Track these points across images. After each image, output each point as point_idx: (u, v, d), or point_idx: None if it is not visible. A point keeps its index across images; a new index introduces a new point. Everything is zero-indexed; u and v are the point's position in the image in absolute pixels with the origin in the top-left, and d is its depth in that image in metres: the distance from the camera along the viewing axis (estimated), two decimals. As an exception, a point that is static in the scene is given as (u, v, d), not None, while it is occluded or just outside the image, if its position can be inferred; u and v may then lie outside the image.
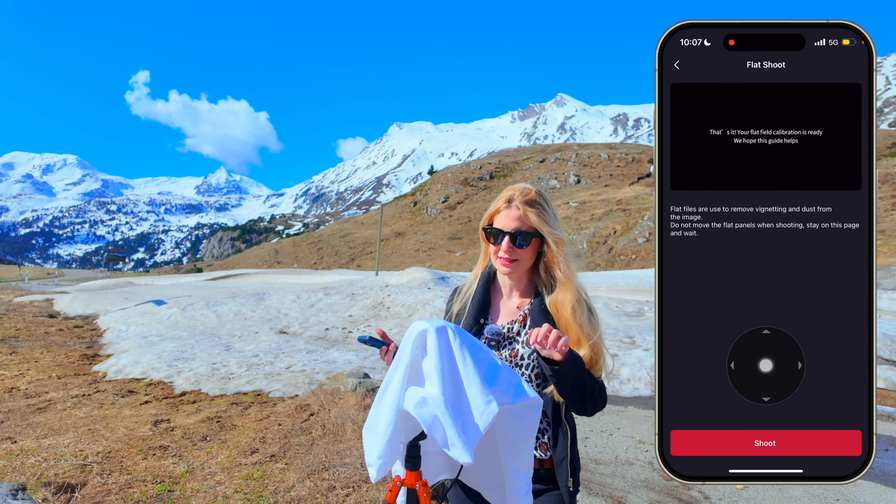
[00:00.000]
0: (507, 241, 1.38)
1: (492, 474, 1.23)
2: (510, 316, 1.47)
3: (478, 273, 1.54)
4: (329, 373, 6.38)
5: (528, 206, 1.39)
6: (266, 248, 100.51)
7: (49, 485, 3.10)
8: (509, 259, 1.39)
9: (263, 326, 10.38)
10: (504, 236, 1.38)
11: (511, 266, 1.40)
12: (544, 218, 1.39)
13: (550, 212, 1.41)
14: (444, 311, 1.61)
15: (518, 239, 1.38)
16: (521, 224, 1.38)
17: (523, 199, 1.40)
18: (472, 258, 52.99)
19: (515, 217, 1.38)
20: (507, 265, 1.40)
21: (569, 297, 1.37)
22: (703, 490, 3.53)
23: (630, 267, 35.86)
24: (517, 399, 1.13)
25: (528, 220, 1.38)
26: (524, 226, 1.38)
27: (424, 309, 10.96)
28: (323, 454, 3.75)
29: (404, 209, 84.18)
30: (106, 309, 14.62)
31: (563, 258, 1.39)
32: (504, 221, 1.39)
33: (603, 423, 4.99)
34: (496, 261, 1.42)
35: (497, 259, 1.41)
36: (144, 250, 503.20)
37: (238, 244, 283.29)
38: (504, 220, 1.39)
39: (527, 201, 1.39)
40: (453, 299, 1.59)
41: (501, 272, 1.44)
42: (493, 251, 1.43)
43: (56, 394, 5.50)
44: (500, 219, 1.40)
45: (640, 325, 9.06)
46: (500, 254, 1.39)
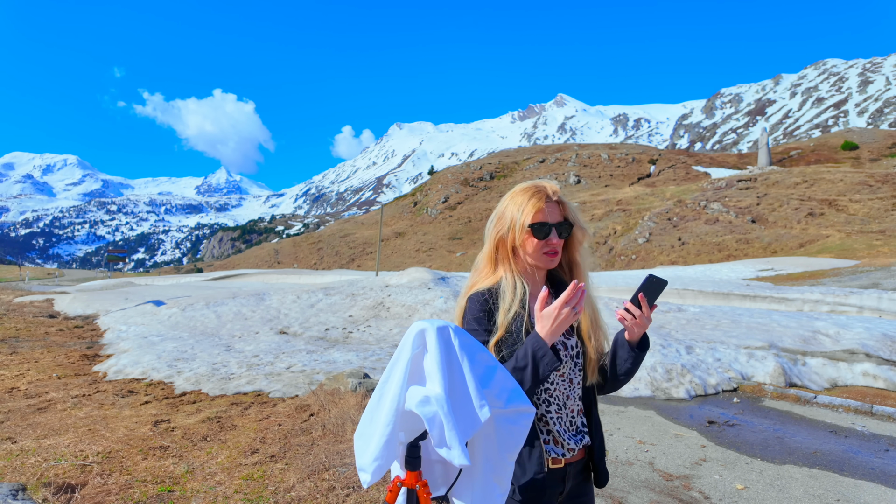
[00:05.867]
0: (555, 233, 1.43)
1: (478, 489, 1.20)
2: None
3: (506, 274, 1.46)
4: (329, 373, 6.37)
5: (563, 199, 1.48)
6: (266, 248, 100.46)
7: (49, 485, 3.10)
8: (556, 251, 1.45)
9: (263, 327, 10.38)
10: (552, 228, 1.43)
11: (556, 258, 1.46)
12: (575, 212, 1.48)
13: (575, 207, 1.51)
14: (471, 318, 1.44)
15: (563, 229, 1.45)
16: (561, 215, 1.46)
17: (556, 192, 1.47)
18: (472, 258, 52.84)
19: (557, 210, 1.46)
20: (555, 256, 1.45)
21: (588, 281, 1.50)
22: (703, 490, 3.53)
23: (630, 267, 35.83)
24: (509, 404, 1.13)
25: (566, 211, 1.47)
26: (563, 217, 1.46)
27: (425, 309, 10.95)
28: (323, 454, 3.75)
29: (404, 209, 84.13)
30: (106, 309, 14.61)
31: (584, 249, 1.52)
32: (549, 215, 1.45)
33: (603, 423, 4.98)
34: (540, 257, 1.44)
35: (541, 255, 1.44)
36: (145, 250, 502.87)
37: (238, 244, 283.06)
38: (549, 214, 1.44)
39: (560, 194, 1.49)
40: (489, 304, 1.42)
41: (546, 265, 1.46)
42: (535, 246, 1.44)
43: (56, 394, 5.50)
44: (546, 214, 1.45)
45: (641, 325, 9.04)
46: (549, 246, 1.44)
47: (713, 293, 14.07)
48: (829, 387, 6.32)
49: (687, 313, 10.08)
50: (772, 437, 4.63)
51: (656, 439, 4.56)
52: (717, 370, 6.52)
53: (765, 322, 8.97)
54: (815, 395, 5.81)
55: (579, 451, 1.45)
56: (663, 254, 36.46)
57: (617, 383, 1.49)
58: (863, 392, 6.05)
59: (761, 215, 38.34)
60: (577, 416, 1.48)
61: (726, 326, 8.86)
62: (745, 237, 34.84)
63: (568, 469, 1.42)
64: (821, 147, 68.96)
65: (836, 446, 4.41)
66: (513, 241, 1.46)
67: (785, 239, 32.86)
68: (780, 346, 7.26)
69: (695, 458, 4.13)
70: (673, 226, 40.37)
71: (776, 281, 18.41)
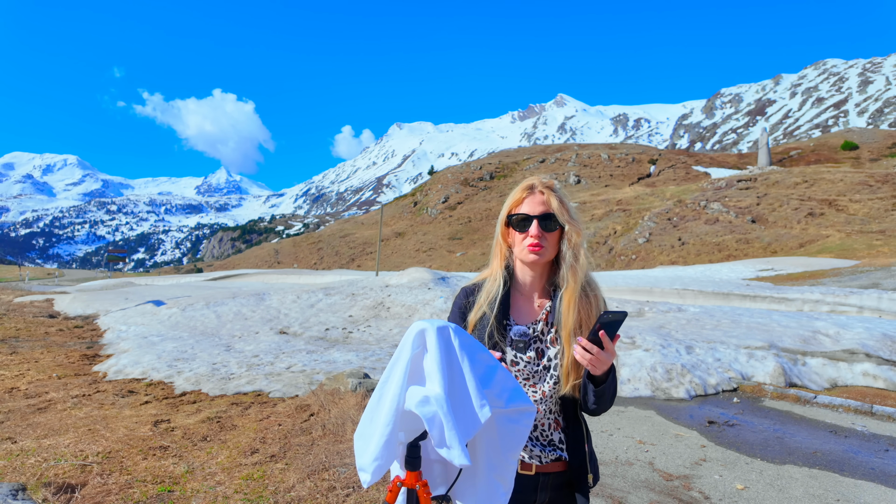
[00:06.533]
0: (535, 225, 1.35)
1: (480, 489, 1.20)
2: (532, 316, 1.42)
3: (495, 272, 1.45)
4: (329, 373, 6.37)
5: (550, 191, 1.39)
6: (266, 248, 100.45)
7: (49, 485, 3.10)
8: (538, 244, 1.35)
9: (263, 327, 10.37)
10: (532, 220, 1.36)
11: (540, 252, 1.36)
12: (565, 206, 1.39)
13: (568, 202, 1.41)
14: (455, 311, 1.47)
15: (546, 222, 1.36)
16: (547, 208, 1.37)
17: (544, 185, 1.40)
18: (472, 258, 52.94)
19: (540, 202, 1.37)
20: (537, 250, 1.36)
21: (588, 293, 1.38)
22: (703, 490, 3.53)
23: (630, 267, 35.83)
24: (510, 403, 1.13)
25: (551, 205, 1.37)
26: (549, 209, 1.37)
27: (425, 309, 10.95)
28: (323, 454, 3.75)
29: (404, 209, 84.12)
30: (106, 309, 14.61)
31: (581, 250, 1.39)
32: (529, 206, 1.38)
33: (603, 423, 4.99)
34: (523, 250, 1.38)
35: (524, 248, 1.37)
36: (145, 250, 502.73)
37: (238, 244, 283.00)
38: (529, 205, 1.38)
39: (548, 186, 1.40)
40: (468, 299, 1.46)
41: (528, 260, 1.38)
42: (518, 240, 1.39)
43: (56, 394, 5.50)
44: (525, 205, 1.38)
45: (640, 325, 9.06)
46: (529, 239, 1.36)
47: (713, 293, 14.07)
48: (829, 387, 6.32)
49: (687, 313, 10.08)
50: (772, 437, 4.63)
51: (656, 439, 4.56)
52: (717, 370, 6.52)
53: (765, 322, 8.97)
54: (815, 396, 5.81)
55: (554, 462, 1.38)
56: (663, 254, 36.46)
57: (591, 413, 1.38)
58: (863, 392, 6.05)
59: (761, 215, 38.34)
60: (553, 431, 1.39)
61: (726, 326, 8.85)
62: (745, 237, 34.83)
63: (540, 478, 1.37)
64: (821, 147, 68.96)
65: (836, 446, 4.40)
66: (503, 235, 1.44)
67: (785, 239, 32.86)
68: (780, 346, 7.26)
69: (695, 458, 4.13)
70: (673, 226, 40.37)
71: (776, 281, 18.42)
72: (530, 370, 1.38)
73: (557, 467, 1.38)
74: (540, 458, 1.37)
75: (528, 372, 1.38)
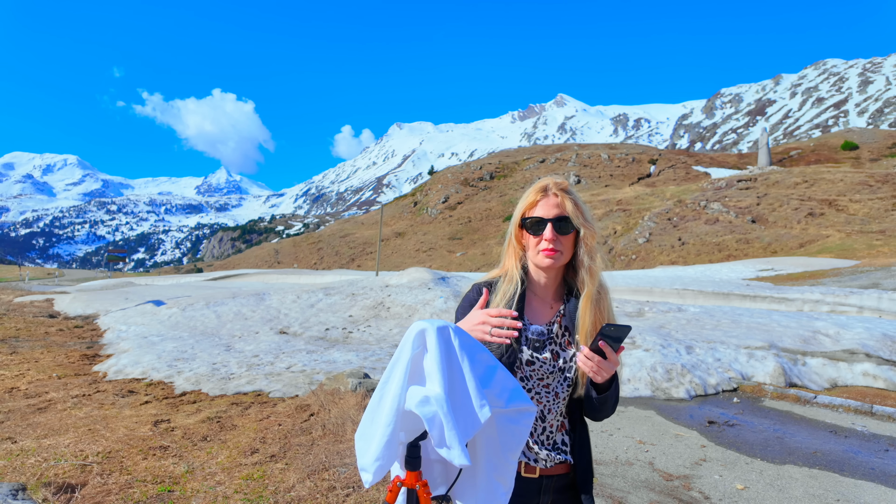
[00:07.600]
0: (550, 228, 1.33)
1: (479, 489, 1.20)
2: (546, 317, 1.41)
3: (510, 271, 1.42)
4: (329, 373, 6.37)
5: (565, 193, 1.36)
6: (266, 248, 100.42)
7: (49, 485, 3.10)
8: (553, 248, 1.33)
9: (263, 327, 10.38)
10: (546, 224, 1.33)
11: (555, 256, 1.34)
12: (580, 208, 1.36)
13: (582, 204, 1.38)
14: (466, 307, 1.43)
15: (561, 225, 1.33)
16: (562, 211, 1.34)
17: (559, 187, 1.37)
18: (472, 258, 52.90)
19: (555, 204, 1.35)
20: (552, 254, 1.33)
21: (601, 295, 1.37)
22: (703, 490, 3.53)
23: (630, 267, 35.82)
24: (510, 403, 1.13)
25: (566, 207, 1.35)
26: (564, 212, 1.34)
27: (425, 309, 10.95)
28: (323, 454, 3.75)
29: (404, 209, 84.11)
30: (106, 309, 14.61)
31: (597, 253, 1.38)
32: (544, 210, 1.35)
33: (603, 423, 4.99)
34: (537, 255, 1.35)
35: (538, 252, 1.35)
36: (145, 250, 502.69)
37: (238, 244, 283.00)
38: (544, 208, 1.35)
39: (562, 188, 1.37)
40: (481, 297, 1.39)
41: (543, 265, 1.36)
42: (532, 243, 1.37)
43: (56, 394, 5.50)
44: (540, 208, 1.35)
45: (641, 325, 9.06)
46: (544, 243, 1.33)
47: (713, 293, 14.07)
48: (829, 387, 6.32)
49: (687, 313, 10.08)
50: (772, 437, 4.63)
51: (656, 439, 4.56)
52: (717, 370, 6.52)
53: (765, 322, 8.97)
54: (815, 396, 5.81)
55: (558, 465, 1.37)
56: (663, 254, 36.46)
57: (593, 419, 1.40)
58: (863, 392, 6.05)
59: (761, 215, 38.34)
60: (557, 433, 1.39)
61: (726, 326, 8.85)
62: (745, 237, 34.83)
63: (544, 481, 1.36)
64: (821, 147, 68.95)
65: (836, 446, 4.40)
66: (517, 237, 1.42)
67: (785, 239, 32.86)
68: (780, 346, 7.26)
69: (695, 458, 4.13)
70: (673, 226, 40.37)
71: (776, 281, 18.41)
72: (546, 370, 1.37)
73: (561, 470, 1.38)
74: (545, 461, 1.37)
75: (542, 372, 1.37)
